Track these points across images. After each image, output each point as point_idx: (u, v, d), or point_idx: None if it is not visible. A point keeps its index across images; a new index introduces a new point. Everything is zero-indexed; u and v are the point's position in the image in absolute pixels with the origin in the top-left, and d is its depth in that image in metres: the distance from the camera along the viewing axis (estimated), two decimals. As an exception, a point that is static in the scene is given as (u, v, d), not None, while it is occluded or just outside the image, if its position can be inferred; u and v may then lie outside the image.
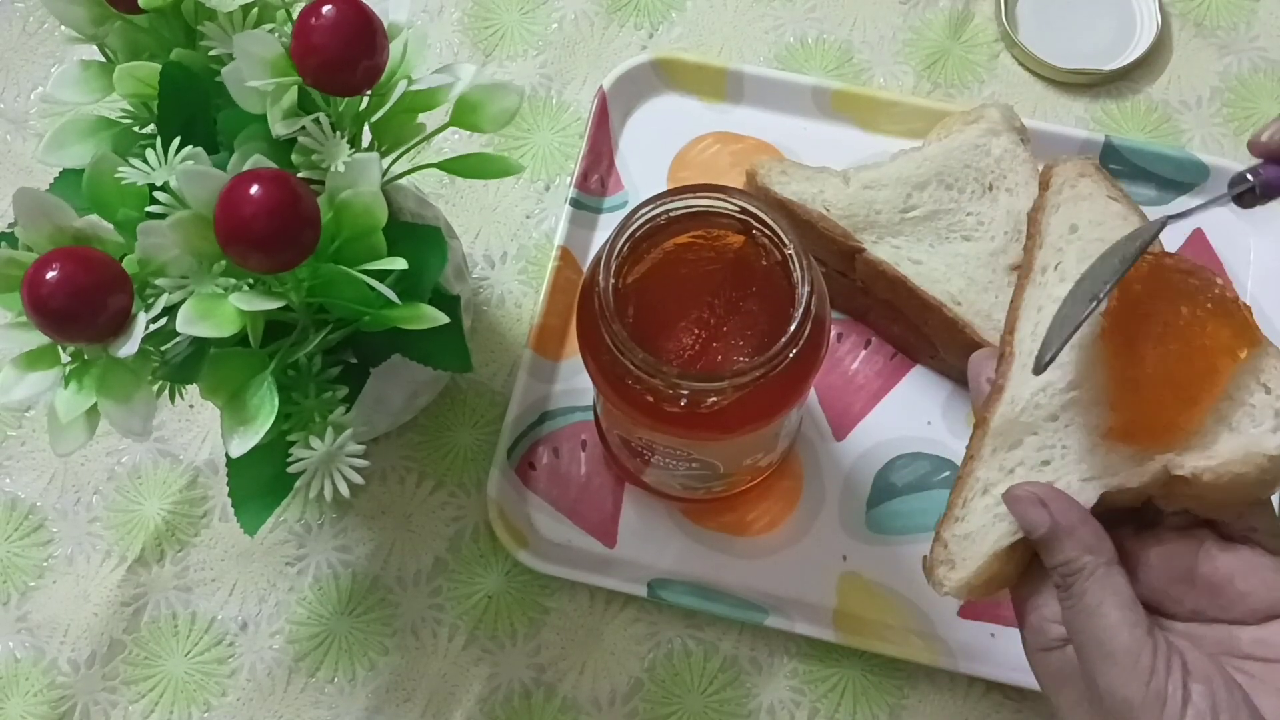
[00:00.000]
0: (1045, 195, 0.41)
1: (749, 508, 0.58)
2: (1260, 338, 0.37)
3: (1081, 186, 0.41)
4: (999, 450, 0.39)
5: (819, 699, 0.55)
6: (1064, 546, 0.36)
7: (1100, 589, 0.35)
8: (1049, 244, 0.41)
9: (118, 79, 0.42)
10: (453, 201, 0.65)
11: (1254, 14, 0.68)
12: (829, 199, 0.57)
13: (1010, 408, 0.39)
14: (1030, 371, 0.37)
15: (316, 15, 0.39)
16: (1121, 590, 0.35)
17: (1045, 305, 0.40)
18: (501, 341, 0.62)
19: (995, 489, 0.38)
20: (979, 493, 0.39)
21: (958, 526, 0.39)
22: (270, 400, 0.39)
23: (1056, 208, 0.41)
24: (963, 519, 0.39)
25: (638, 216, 0.44)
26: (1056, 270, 0.40)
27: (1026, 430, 0.39)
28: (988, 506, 0.38)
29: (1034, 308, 0.40)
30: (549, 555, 0.57)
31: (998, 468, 0.39)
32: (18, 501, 0.60)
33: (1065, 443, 0.38)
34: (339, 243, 0.40)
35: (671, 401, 0.44)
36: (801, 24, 0.68)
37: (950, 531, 0.39)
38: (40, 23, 0.70)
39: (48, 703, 0.56)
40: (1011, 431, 0.39)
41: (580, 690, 0.56)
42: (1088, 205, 0.41)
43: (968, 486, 0.39)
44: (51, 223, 0.37)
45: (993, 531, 0.38)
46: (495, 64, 0.68)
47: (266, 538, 0.58)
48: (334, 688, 0.56)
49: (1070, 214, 0.41)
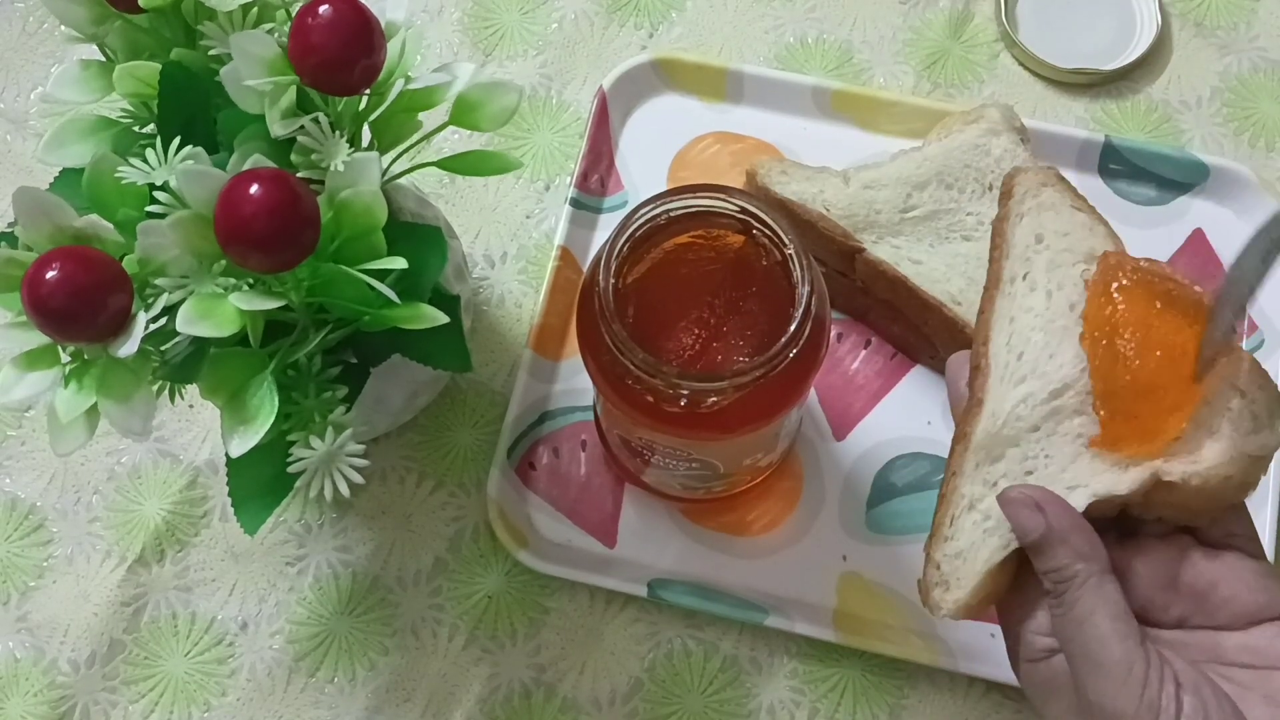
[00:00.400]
0: (1009, 204, 0.41)
1: (749, 508, 0.58)
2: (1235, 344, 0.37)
3: (1045, 196, 0.41)
4: (982, 465, 0.38)
5: (819, 699, 0.55)
6: (1057, 553, 0.35)
7: (1093, 598, 0.34)
8: (1015, 255, 0.40)
9: (118, 79, 0.42)
10: (453, 201, 0.65)
11: (1254, 14, 0.68)
12: (829, 199, 0.57)
13: (991, 421, 0.38)
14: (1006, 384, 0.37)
15: (314, 15, 0.39)
16: (1114, 600, 0.35)
17: (1017, 315, 0.39)
18: (501, 341, 0.62)
19: (981, 504, 0.38)
20: (965, 509, 0.38)
21: (948, 546, 0.38)
22: (270, 400, 0.39)
23: (1020, 217, 0.41)
24: (952, 538, 0.38)
25: (638, 216, 0.44)
26: (1025, 280, 0.40)
27: (1008, 443, 0.38)
28: (975, 523, 0.38)
29: (1006, 318, 0.39)
30: (549, 555, 0.57)
31: (981, 482, 0.38)
32: (18, 501, 0.60)
33: (1049, 452, 0.38)
34: (339, 242, 0.40)
35: (671, 401, 0.44)
36: (801, 24, 0.68)
37: (941, 552, 0.38)
38: (40, 22, 0.70)
39: (48, 703, 0.56)
40: (993, 445, 0.38)
41: (580, 690, 0.56)
42: (1052, 215, 0.40)
43: (953, 504, 0.38)
44: (51, 222, 0.37)
45: (984, 548, 0.37)
46: (495, 64, 0.68)
47: (266, 538, 0.58)
48: (334, 688, 0.56)
49: (1034, 224, 0.40)
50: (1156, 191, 0.63)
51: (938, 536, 0.38)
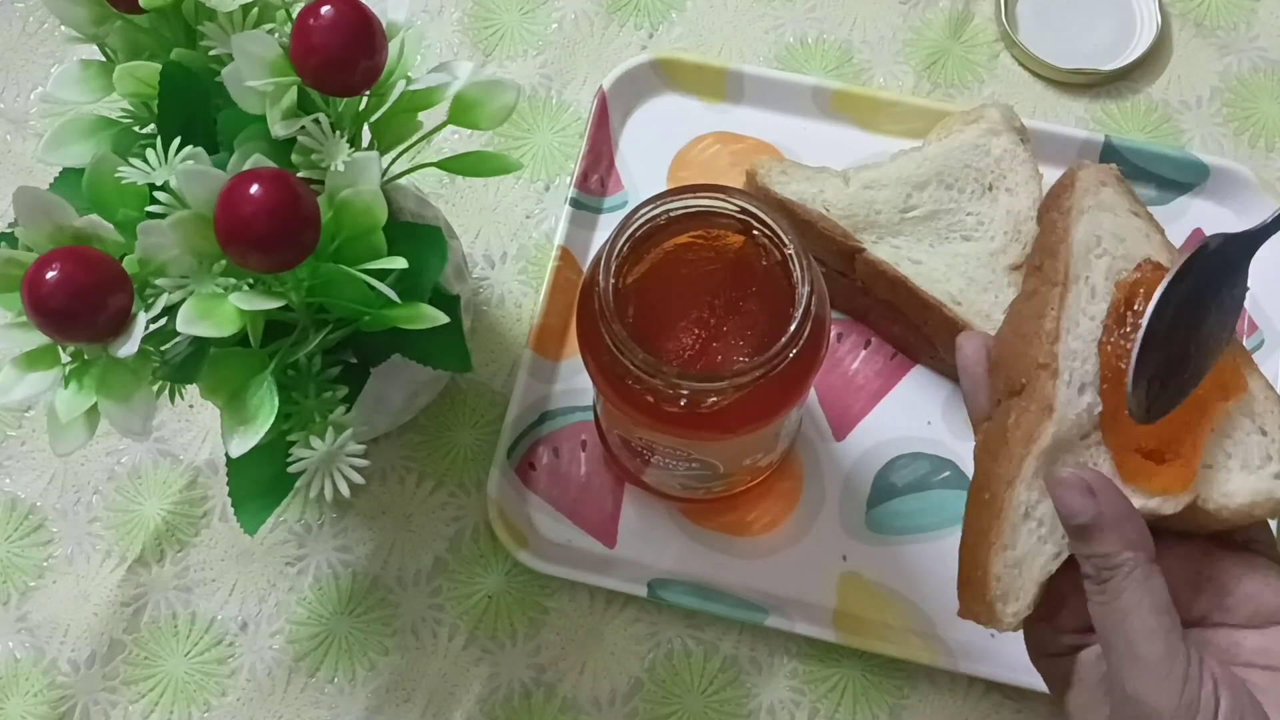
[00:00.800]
0: (1071, 199, 0.40)
1: (749, 508, 0.58)
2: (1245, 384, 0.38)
3: (1104, 195, 0.40)
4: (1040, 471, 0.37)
5: (819, 699, 0.55)
6: (1107, 539, 0.34)
7: (1139, 590, 0.34)
8: (1077, 255, 0.39)
9: (118, 79, 0.42)
10: (453, 201, 0.65)
11: (1254, 14, 0.68)
12: (829, 199, 0.57)
13: (1059, 427, 0.37)
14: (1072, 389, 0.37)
15: (315, 15, 0.39)
16: (1159, 593, 0.34)
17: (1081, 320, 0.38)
18: (501, 341, 0.62)
19: (1035, 511, 0.37)
20: (1022, 517, 0.37)
21: (1008, 555, 0.37)
22: (270, 400, 0.39)
23: (1081, 213, 0.40)
24: (1012, 547, 0.37)
25: (638, 216, 0.44)
26: (1087, 284, 0.39)
27: (1065, 448, 0.38)
28: (1031, 530, 0.37)
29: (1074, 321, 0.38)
30: (549, 555, 0.57)
31: (1040, 489, 0.37)
32: (18, 501, 0.60)
33: (1096, 461, 0.38)
34: (339, 242, 0.40)
35: (671, 401, 0.44)
36: (801, 24, 0.68)
37: (1001, 563, 0.37)
38: (40, 23, 0.70)
39: (48, 703, 0.56)
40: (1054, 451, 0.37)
41: (580, 690, 0.56)
42: (1110, 218, 0.40)
43: (1012, 511, 0.37)
44: (52, 222, 0.37)
45: (1040, 555, 0.37)
46: (495, 64, 0.68)
47: (266, 538, 0.58)
48: (334, 688, 0.56)
49: (1093, 224, 0.40)
50: (1156, 191, 0.63)
51: (995, 545, 0.37)
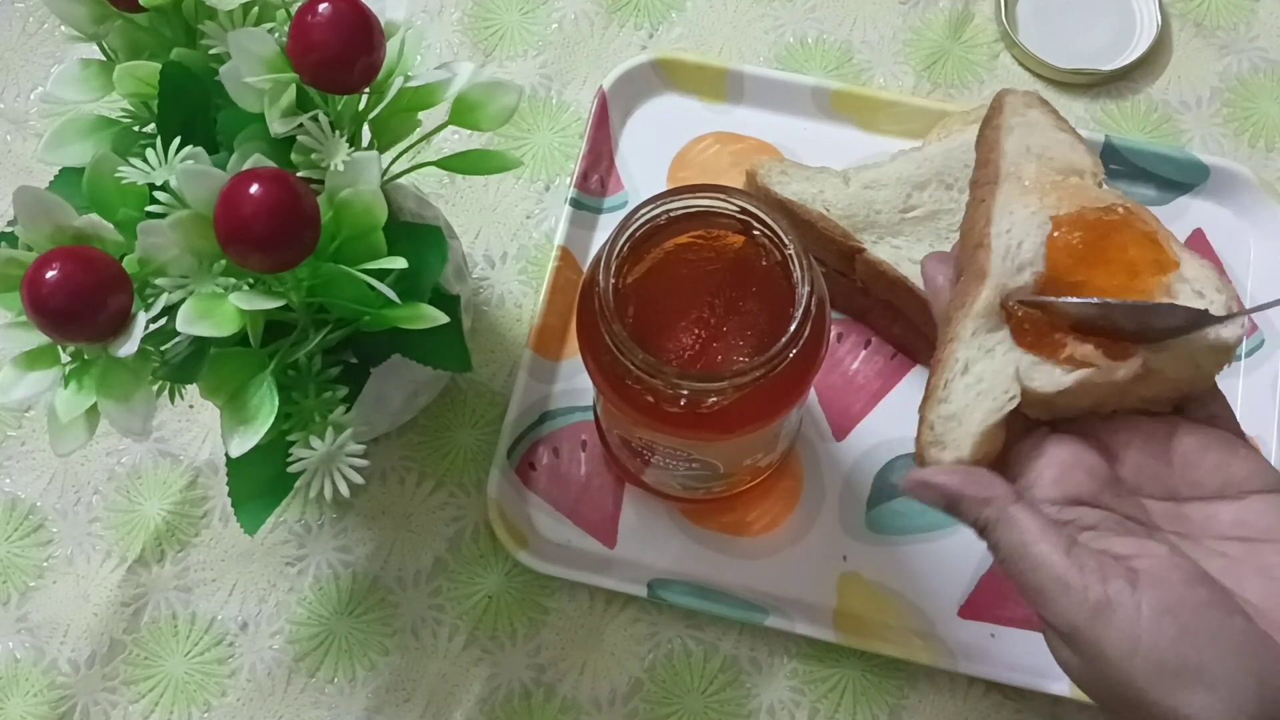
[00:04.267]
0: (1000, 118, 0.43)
1: (749, 508, 0.58)
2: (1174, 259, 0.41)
3: (1031, 115, 0.44)
4: (979, 332, 0.40)
5: (819, 699, 0.55)
6: (964, 510, 0.36)
7: (1009, 532, 0.35)
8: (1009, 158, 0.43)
9: (118, 78, 0.42)
10: (453, 201, 0.65)
11: (1254, 14, 0.68)
12: (829, 199, 0.57)
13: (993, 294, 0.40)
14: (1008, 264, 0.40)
15: (313, 13, 0.39)
16: (1029, 526, 0.35)
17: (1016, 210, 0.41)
18: (501, 341, 0.62)
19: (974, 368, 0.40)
20: (959, 372, 0.40)
21: (942, 408, 0.39)
22: (270, 400, 0.39)
23: (1011, 129, 0.43)
24: (946, 400, 0.39)
25: (638, 216, 0.44)
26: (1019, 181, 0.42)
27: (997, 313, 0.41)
28: (969, 385, 0.39)
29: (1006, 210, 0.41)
30: (549, 555, 0.57)
31: (978, 348, 0.40)
32: (18, 501, 0.60)
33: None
34: (339, 242, 0.40)
35: (671, 401, 0.44)
36: (801, 24, 0.68)
37: (935, 414, 0.40)
38: (40, 22, 0.70)
39: (48, 703, 0.56)
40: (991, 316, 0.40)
41: (580, 690, 0.56)
42: (1039, 132, 0.43)
43: (948, 367, 0.40)
44: (51, 222, 0.37)
45: (978, 409, 0.39)
46: (495, 64, 0.68)
47: (266, 538, 0.58)
48: (334, 688, 0.56)
49: (1024, 137, 0.43)
50: (1156, 192, 0.63)
51: (931, 398, 0.40)
